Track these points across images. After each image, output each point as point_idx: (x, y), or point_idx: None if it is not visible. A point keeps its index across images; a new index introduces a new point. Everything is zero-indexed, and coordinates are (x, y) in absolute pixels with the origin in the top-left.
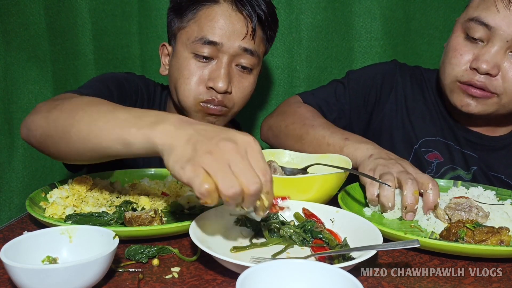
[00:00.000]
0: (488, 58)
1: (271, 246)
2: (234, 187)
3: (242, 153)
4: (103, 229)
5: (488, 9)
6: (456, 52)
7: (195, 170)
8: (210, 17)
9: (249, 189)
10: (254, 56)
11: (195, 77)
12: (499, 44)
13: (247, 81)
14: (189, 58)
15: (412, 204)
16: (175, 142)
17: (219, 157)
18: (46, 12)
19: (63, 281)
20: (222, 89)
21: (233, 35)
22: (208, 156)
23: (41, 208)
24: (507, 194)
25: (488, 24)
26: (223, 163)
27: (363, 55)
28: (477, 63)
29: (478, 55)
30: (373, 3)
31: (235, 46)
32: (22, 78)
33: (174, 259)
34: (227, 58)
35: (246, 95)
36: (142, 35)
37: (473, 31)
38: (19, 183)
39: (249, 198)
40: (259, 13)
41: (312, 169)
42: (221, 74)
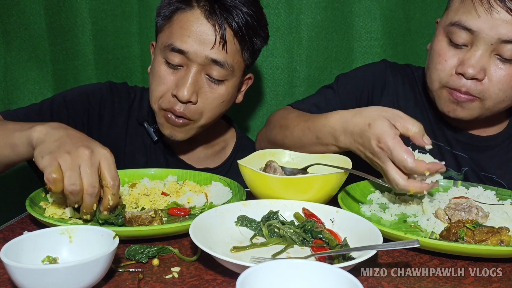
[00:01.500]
0: (474, 62)
1: (271, 246)
2: (75, 185)
3: (93, 161)
4: (103, 229)
5: (469, 13)
6: (441, 58)
7: (51, 162)
8: (181, 23)
9: (87, 190)
10: (225, 67)
11: (163, 83)
12: (484, 47)
13: (217, 93)
14: (161, 63)
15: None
16: (46, 138)
17: (74, 158)
18: (46, 12)
19: (63, 281)
20: (184, 99)
21: (202, 45)
22: (66, 155)
23: (41, 208)
24: (507, 194)
25: (470, 29)
26: (75, 164)
27: (363, 55)
28: (463, 68)
29: (464, 60)
30: (373, 3)
31: (203, 56)
32: (22, 78)
33: (174, 259)
34: (195, 67)
35: (216, 107)
36: (142, 35)
37: (456, 36)
38: (19, 183)
39: (86, 197)
40: (232, 23)
41: (312, 169)
42: (186, 83)
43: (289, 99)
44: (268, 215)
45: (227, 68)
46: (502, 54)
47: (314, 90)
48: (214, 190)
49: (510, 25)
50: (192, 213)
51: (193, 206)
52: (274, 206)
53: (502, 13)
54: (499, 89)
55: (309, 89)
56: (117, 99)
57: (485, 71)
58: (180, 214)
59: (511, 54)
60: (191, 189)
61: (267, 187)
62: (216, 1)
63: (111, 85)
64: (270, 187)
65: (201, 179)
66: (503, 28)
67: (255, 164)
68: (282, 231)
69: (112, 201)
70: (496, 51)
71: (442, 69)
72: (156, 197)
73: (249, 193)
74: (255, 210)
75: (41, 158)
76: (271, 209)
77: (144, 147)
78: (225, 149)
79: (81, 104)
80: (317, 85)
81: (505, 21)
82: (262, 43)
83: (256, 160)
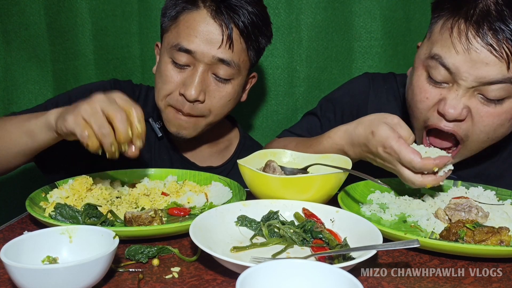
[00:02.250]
0: (455, 102)
1: (271, 246)
2: (104, 127)
3: (110, 98)
4: (103, 229)
5: (448, 49)
6: (422, 96)
7: (75, 119)
8: (188, 23)
9: (116, 116)
10: (231, 66)
11: (170, 82)
12: (464, 88)
13: (224, 91)
14: (168, 63)
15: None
16: (64, 111)
17: (91, 104)
18: (46, 12)
19: (63, 281)
20: (192, 98)
21: (208, 44)
22: (84, 105)
23: (41, 208)
24: (507, 194)
25: (448, 67)
26: (95, 109)
27: (363, 55)
28: (444, 108)
29: (445, 99)
30: (373, 3)
31: (210, 55)
32: (22, 78)
33: (174, 259)
34: (202, 66)
35: (223, 105)
36: (142, 35)
37: (435, 72)
38: (19, 183)
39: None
40: (238, 23)
41: (312, 169)
42: (194, 82)
43: (289, 99)
44: (268, 215)
45: (233, 67)
46: (485, 94)
47: (314, 90)
48: (214, 190)
49: (491, 65)
50: (192, 213)
51: (193, 206)
52: (274, 206)
53: (483, 53)
54: (480, 131)
55: (309, 89)
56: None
57: (467, 110)
58: (180, 214)
59: (495, 95)
60: (191, 189)
61: (267, 187)
62: (222, 1)
63: (115, 82)
64: (269, 187)
65: (201, 179)
66: (484, 69)
67: (256, 164)
68: (282, 231)
69: (139, 125)
70: (479, 91)
71: (424, 107)
72: (156, 197)
73: (249, 193)
74: (255, 210)
75: (64, 121)
76: (271, 209)
77: (148, 143)
78: (228, 148)
79: None
80: (317, 85)
81: (485, 62)
82: (266, 42)
83: (257, 160)
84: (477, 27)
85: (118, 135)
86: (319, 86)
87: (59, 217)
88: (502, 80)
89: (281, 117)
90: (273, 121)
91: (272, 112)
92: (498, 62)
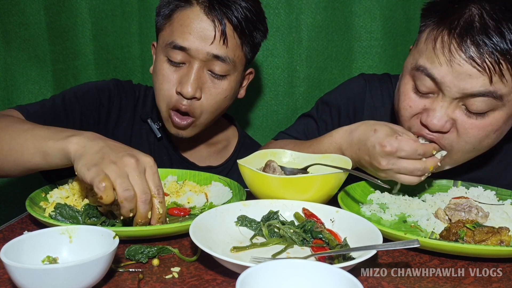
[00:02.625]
0: (439, 115)
1: (271, 246)
2: (129, 190)
3: (140, 169)
4: (103, 229)
5: (432, 60)
6: (406, 103)
7: (98, 172)
8: (181, 21)
9: (140, 197)
10: (226, 62)
11: (167, 82)
12: (448, 99)
13: (220, 87)
14: (163, 62)
15: None
16: (86, 150)
17: (121, 167)
18: (46, 12)
19: (63, 281)
20: (189, 95)
21: (202, 41)
22: (112, 165)
23: (41, 208)
24: (507, 194)
25: (433, 77)
26: (123, 173)
27: (363, 55)
28: (427, 119)
29: (429, 110)
30: (373, 3)
31: (204, 52)
32: (22, 78)
33: (174, 259)
34: (197, 63)
35: (218, 102)
36: (142, 35)
37: (421, 83)
38: (19, 183)
39: (141, 205)
40: (231, 18)
41: (312, 169)
42: (190, 79)
43: (289, 99)
44: (268, 215)
45: (228, 63)
46: (468, 107)
47: (314, 90)
48: (214, 190)
49: (474, 79)
50: (192, 213)
51: (193, 206)
52: (274, 206)
53: (465, 66)
54: (465, 142)
55: (309, 89)
56: (123, 95)
57: (452, 121)
58: (180, 214)
59: (477, 108)
60: (191, 189)
61: (267, 187)
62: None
63: (117, 82)
64: (269, 187)
65: (201, 179)
66: (467, 81)
67: (256, 164)
68: (282, 231)
69: (161, 209)
70: (463, 102)
71: (408, 115)
72: None
73: (249, 193)
74: (255, 210)
75: (87, 171)
76: (271, 209)
77: (148, 144)
78: (227, 148)
79: (92, 100)
80: (317, 85)
81: (467, 75)
82: (262, 37)
83: (257, 160)
84: (460, 40)
85: (138, 215)
86: (319, 86)
87: (59, 217)
88: (484, 93)
89: (281, 117)
90: (273, 121)
91: (272, 112)
92: (481, 75)
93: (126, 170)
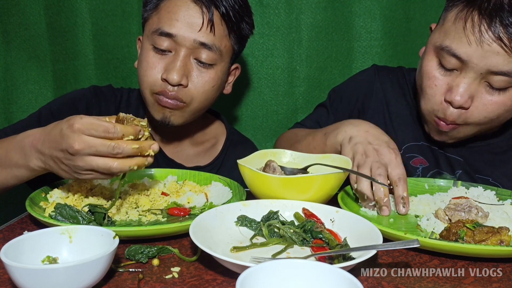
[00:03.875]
0: (462, 90)
1: (271, 246)
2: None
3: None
4: (103, 229)
5: (460, 40)
6: (431, 82)
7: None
8: (169, 8)
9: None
10: (213, 51)
11: (152, 68)
12: (473, 75)
13: (207, 76)
14: (149, 50)
15: (382, 198)
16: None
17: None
18: (46, 12)
19: (63, 281)
20: (174, 81)
21: (190, 28)
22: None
23: (41, 208)
24: (507, 194)
25: (460, 57)
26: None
27: (363, 55)
28: (451, 95)
29: (452, 87)
30: (373, 3)
31: (191, 39)
32: (22, 78)
33: (174, 259)
34: (184, 51)
35: (206, 91)
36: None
37: (446, 61)
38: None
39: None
40: (219, 6)
41: (312, 169)
42: (176, 66)
43: (289, 99)
44: (268, 215)
45: (215, 52)
46: (491, 83)
47: (314, 90)
48: (214, 190)
49: (501, 57)
50: (192, 213)
51: (193, 206)
52: (274, 206)
53: (493, 44)
54: (484, 116)
55: (309, 89)
56: (103, 102)
57: (472, 98)
58: (180, 214)
59: (500, 84)
60: (191, 189)
61: (267, 187)
62: None
63: (96, 89)
64: (269, 187)
65: (201, 179)
66: (493, 59)
67: (256, 164)
68: (282, 231)
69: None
70: (486, 79)
71: (432, 94)
72: (156, 197)
73: (249, 193)
74: (255, 210)
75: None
76: (271, 209)
77: None
78: (215, 146)
79: (68, 113)
80: (317, 85)
81: (495, 53)
82: (249, 31)
83: (257, 160)
84: (489, 20)
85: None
86: (319, 86)
87: (59, 217)
88: (507, 72)
89: (281, 117)
90: (273, 121)
91: (272, 112)
92: (507, 56)
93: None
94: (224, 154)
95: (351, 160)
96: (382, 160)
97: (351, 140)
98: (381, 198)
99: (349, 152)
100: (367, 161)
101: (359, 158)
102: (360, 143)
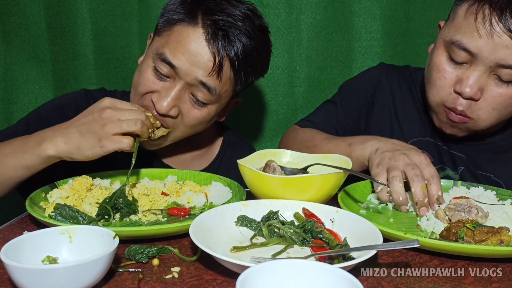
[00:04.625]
0: (472, 82)
1: (271, 246)
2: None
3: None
4: (103, 229)
5: (470, 34)
6: (440, 74)
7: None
8: (180, 37)
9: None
10: (212, 93)
11: (145, 85)
12: (482, 68)
13: (198, 113)
14: (149, 67)
15: (421, 200)
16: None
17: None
18: (46, 12)
19: (63, 281)
20: (162, 111)
21: (194, 65)
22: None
23: (41, 208)
24: (507, 194)
25: (470, 50)
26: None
27: (363, 55)
28: (461, 87)
29: (462, 79)
30: (373, 3)
31: (193, 76)
32: (22, 78)
33: (174, 259)
34: (182, 84)
35: (194, 125)
36: (142, 35)
37: (456, 55)
38: None
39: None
40: (230, 55)
41: (312, 169)
42: (168, 96)
43: (289, 99)
44: (268, 215)
45: (213, 94)
46: (500, 76)
47: (314, 90)
48: (214, 190)
49: (510, 50)
50: (192, 213)
51: (193, 206)
52: (274, 206)
53: (504, 37)
54: (493, 109)
55: (309, 89)
56: None
57: (482, 91)
58: (180, 214)
59: (509, 77)
60: (191, 189)
61: (267, 187)
62: (221, 29)
63: (86, 93)
64: (269, 187)
65: (201, 179)
66: (503, 52)
67: (256, 164)
68: (282, 231)
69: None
70: (495, 72)
71: (441, 85)
72: (156, 197)
73: (249, 193)
74: (255, 210)
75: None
76: (271, 209)
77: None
78: (211, 149)
79: (57, 119)
80: (317, 85)
81: (505, 46)
82: (258, 77)
83: (257, 160)
84: (500, 12)
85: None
86: (319, 86)
87: (59, 217)
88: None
89: (281, 117)
90: (273, 121)
91: (272, 112)
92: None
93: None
94: (221, 157)
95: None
96: (412, 162)
97: (377, 151)
98: (422, 200)
99: (376, 159)
100: (397, 164)
101: (387, 162)
102: (388, 151)
